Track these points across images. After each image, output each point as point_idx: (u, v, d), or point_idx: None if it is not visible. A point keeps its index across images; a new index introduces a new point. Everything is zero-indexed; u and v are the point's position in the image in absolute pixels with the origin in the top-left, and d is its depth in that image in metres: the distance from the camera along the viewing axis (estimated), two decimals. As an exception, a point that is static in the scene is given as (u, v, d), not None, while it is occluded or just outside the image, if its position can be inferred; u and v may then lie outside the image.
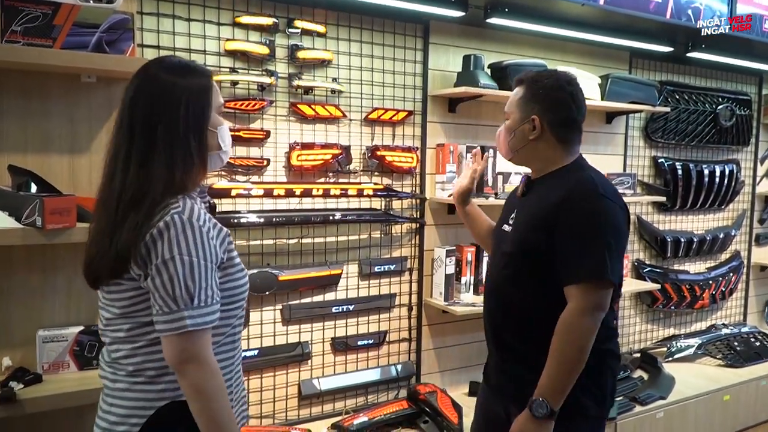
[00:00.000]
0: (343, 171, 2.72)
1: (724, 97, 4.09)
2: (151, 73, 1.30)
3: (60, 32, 1.79)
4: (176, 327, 1.20)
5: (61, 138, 1.94)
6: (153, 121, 1.26)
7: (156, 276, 1.21)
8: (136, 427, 1.26)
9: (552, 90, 1.74)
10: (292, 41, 2.56)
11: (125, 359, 1.29)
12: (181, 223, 1.22)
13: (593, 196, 1.63)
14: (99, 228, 1.29)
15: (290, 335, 2.70)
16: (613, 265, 1.59)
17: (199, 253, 1.22)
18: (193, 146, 1.29)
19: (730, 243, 4.33)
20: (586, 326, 1.59)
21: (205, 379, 1.22)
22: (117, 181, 1.26)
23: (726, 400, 3.51)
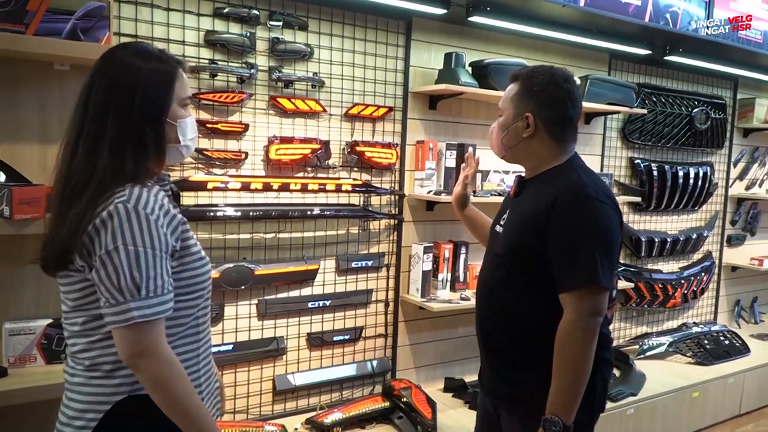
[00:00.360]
0: (322, 166, 2.71)
1: (699, 101, 4.15)
2: (113, 56, 1.27)
3: (33, 18, 1.75)
4: (123, 319, 1.16)
5: (31, 127, 1.89)
6: (106, 106, 1.22)
7: (100, 267, 1.17)
8: (93, 422, 1.24)
9: (548, 86, 1.69)
10: (273, 34, 2.53)
11: (81, 353, 1.26)
12: (126, 211, 1.17)
13: (583, 199, 1.59)
14: (52, 214, 1.26)
15: (266, 330, 2.68)
16: (604, 270, 1.55)
17: (146, 242, 1.18)
18: (148, 136, 1.25)
19: (702, 243, 4.40)
20: (584, 334, 1.55)
21: (161, 370, 1.19)
22: (65, 167, 1.23)
23: (695, 396, 3.57)
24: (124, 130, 1.22)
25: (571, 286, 1.56)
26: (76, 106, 1.26)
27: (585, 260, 1.55)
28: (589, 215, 1.58)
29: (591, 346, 1.56)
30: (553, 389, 1.57)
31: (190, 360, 1.33)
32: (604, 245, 1.58)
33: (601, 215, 1.59)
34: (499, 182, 3.18)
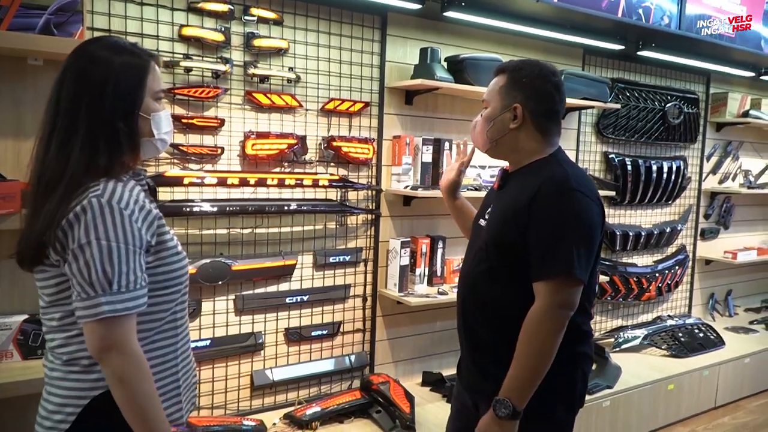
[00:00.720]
0: (299, 161, 2.72)
1: (672, 96, 4.21)
2: (84, 50, 1.27)
3: (6, 13, 1.74)
4: (94, 313, 1.17)
5: (5, 122, 1.88)
6: (77, 100, 1.23)
7: (73, 261, 1.17)
8: (72, 416, 1.25)
9: (536, 79, 1.69)
10: (247, 29, 2.53)
11: (59, 348, 1.27)
12: (99, 206, 1.17)
13: (565, 191, 1.58)
14: (27, 209, 1.26)
15: (243, 325, 2.68)
16: (581, 262, 1.55)
17: (119, 237, 1.18)
18: (121, 131, 1.25)
19: (676, 237, 4.47)
20: (552, 325, 1.56)
21: (127, 367, 1.19)
22: (38, 164, 1.24)
23: (670, 389, 3.63)
24: (96, 124, 1.22)
25: (546, 276, 1.56)
26: (49, 101, 1.26)
27: (563, 251, 1.54)
28: (570, 207, 1.57)
29: (557, 337, 1.56)
30: (511, 373, 1.58)
31: (168, 354, 1.34)
32: (584, 238, 1.57)
33: (582, 208, 1.58)
34: (476, 177, 3.21)
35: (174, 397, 1.34)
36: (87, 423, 1.25)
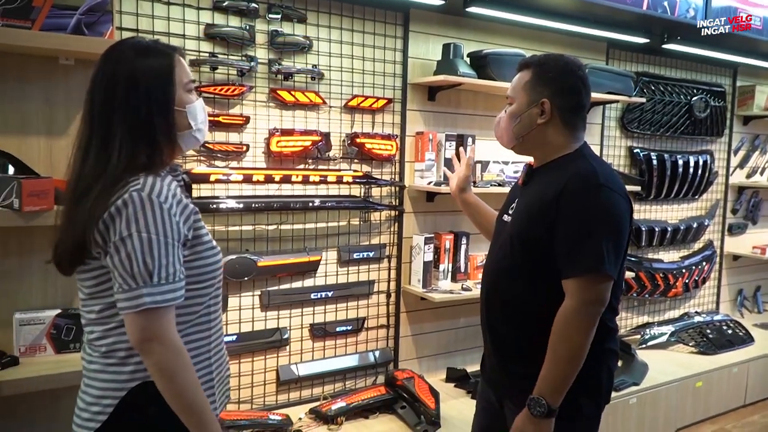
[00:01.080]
0: (323, 158, 2.74)
1: (698, 89, 4.16)
2: (111, 56, 1.29)
3: (39, 14, 1.78)
4: (135, 305, 1.19)
5: (38, 120, 1.93)
6: (110, 105, 1.25)
7: (114, 254, 1.20)
8: (110, 407, 1.27)
9: (563, 74, 1.67)
10: (272, 27, 2.56)
11: (98, 341, 1.29)
12: (140, 199, 1.20)
13: (593, 187, 1.56)
14: (64, 213, 1.28)
15: (269, 321, 2.71)
16: (611, 258, 1.53)
17: (159, 230, 1.20)
18: (158, 128, 1.28)
19: (703, 232, 4.42)
20: (584, 322, 1.54)
21: (167, 357, 1.21)
22: (77, 166, 1.26)
23: (698, 386, 3.58)
24: (134, 126, 1.25)
25: (576, 273, 1.54)
26: (84, 106, 1.28)
27: (592, 247, 1.53)
28: (598, 202, 1.56)
29: (589, 334, 1.55)
30: (544, 372, 1.57)
31: (202, 347, 1.36)
32: (613, 233, 1.56)
33: (612, 203, 1.57)
34: (499, 172, 3.20)
35: (207, 390, 1.36)
36: (124, 414, 1.27)
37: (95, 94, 1.26)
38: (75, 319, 1.94)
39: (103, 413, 1.27)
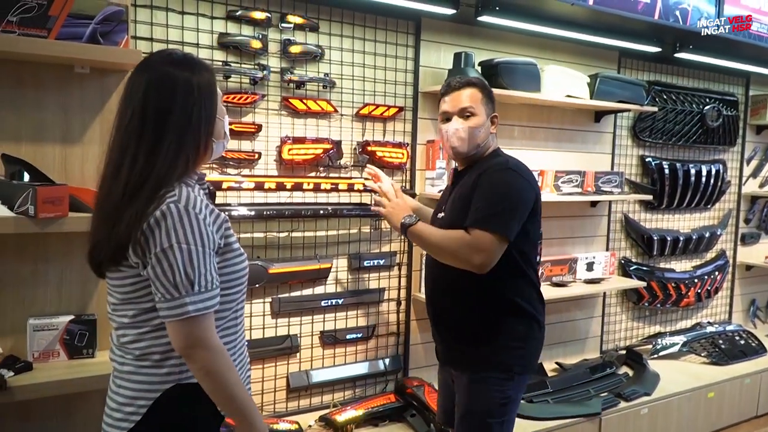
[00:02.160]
0: (334, 166, 2.75)
1: (711, 98, 4.15)
2: (161, 69, 1.33)
3: (55, 23, 1.80)
4: (179, 313, 1.25)
5: (54, 128, 1.95)
6: (165, 113, 1.30)
7: (156, 265, 1.24)
8: (143, 408, 1.31)
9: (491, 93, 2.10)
10: (284, 36, 2.58)
11: (131, 344, 1.34)
12: (178, 211, 1.25)
13: (503, 170, 1.93)
14: (102, 216, 1.32)
15: (279, 328, 2.72)
16: (510, 222, 1.85)
17: (197, 240, 1.26)
18: (202, 135, 1.35)
19: (715, 242, 4.39)
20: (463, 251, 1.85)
21: (213, 360, 1.27)
22: (124, 172, 1.28)
23: (710, 397, 3.56)
24: (185, 132, 1.32)
25: (478, 224, 1.85)
26: (128, 116, 1.31)
27: (494, 210, 1.85)
28: (504, 179, 1.91)
29: (455, 259, 1.89)
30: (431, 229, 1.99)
31: (231, 350, 1.41)
32: (513, 204, 1.87)
33: (515, 180, 1.91)
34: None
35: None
36: (158, 415, 1.32)
37: (150, 100, 1.30)
38: (88, 325, 1.96)
39: (136, 414, 1.32)
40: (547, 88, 3.15)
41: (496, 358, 1.97)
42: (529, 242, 1.98)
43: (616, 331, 4.01)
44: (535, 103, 3.28)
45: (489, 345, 1.97)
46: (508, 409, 1.98)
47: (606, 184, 3.58)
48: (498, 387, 1.97)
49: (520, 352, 1.99)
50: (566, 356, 3.73)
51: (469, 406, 2.00)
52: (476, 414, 1.98)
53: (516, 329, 1.98)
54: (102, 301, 2.03)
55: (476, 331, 1.98)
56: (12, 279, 1.92)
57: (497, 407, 1.97)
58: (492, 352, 1.97)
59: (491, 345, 1.97)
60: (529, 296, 2.01)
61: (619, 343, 4.02)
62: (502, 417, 1.97)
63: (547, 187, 3.32)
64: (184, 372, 1.33)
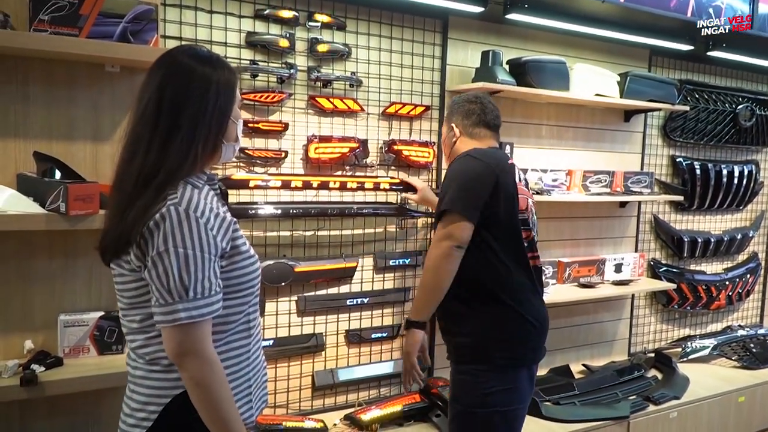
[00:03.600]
0: (360, 164, 2.74)
1: (744, 97, 4.06)
2: (181, 61, 1.32)
3: (86, 22, 1.82)
4: (171, 319, 1.21)
5: (84, 126, 1.97)
6: (181, 106, 1.28)
7: (152, 268, 1.22)
8: (154, 414, 1.29)
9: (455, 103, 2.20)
10: (311, 34, 2.58)
11: (141, 349, 1.32)
12: (177, 215, 1.22)
13: (461, 158, 1.99)
14: (114, 205, 1.30)
15: (305, 326, 2.72)
16: (463, 201, 1.87)
17: (195, 245, 1.22)
18: (213, 133, 1.32)
19: (747, 244, 4.30)
20: (437, 252, 1.88)
21: (203, 371, 1.23)
22: (138, 161, 1.27)
23: (741, 401, 3.49)
24: (197, 128, 1.29)
25: (438, 216, 1.92)
26: (144, 107, 1.29)
27: (449, 195, 1.90)
28: (459, 165, 1.97)
29: (441, 263, 1.88)
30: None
31: (242, 355, 1.38)
32: (465, 185, 1.90)
33: (467, 165, 1.95)
34: (537, 180, 3.16)
35: (245, 396, 1.38)
36: (169, 420, 1.29)
37: (166, 92, 1.28)
38: (117, 322, 1.97)
39: (148, 419, 1.29)
40: (576, 86, 3.11)
41: (473, 348, 1.97)
42: (499, 225, 1.94)
43: (645, 334, 3.95)
44: (564, 102, 3.24)
45: (466, 335, 1.98)
46: (495, 400, 1.95)
47: (635, 185, 3.52)
48: (478, 378, 1.96)
49: (504, 345, 1.96)
50: (593, 358, 3.68)
51: (454, 396, 2.04)
52: (459, 403, 2.01)
53: (498, 320, 1.96)
54: (131, 298, 2.04)
55: (453, 320, 2.01)
56: (43, 275, 1.95)
57: (479, 398, 1.95)
58: (472, 344, 1.98)
59: (472, 336, 1.97)
60: (507, 284, 1.96)
61: (647, 346, 3.95)
62: (489, 407, 1.95)
63: (575, 187, 3.28)
64: None
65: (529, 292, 2.01)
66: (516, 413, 2.02)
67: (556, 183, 3.23)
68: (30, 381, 1.75)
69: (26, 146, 1.89)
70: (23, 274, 1.92)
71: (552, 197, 3.07)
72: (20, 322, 1.93)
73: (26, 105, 1.88)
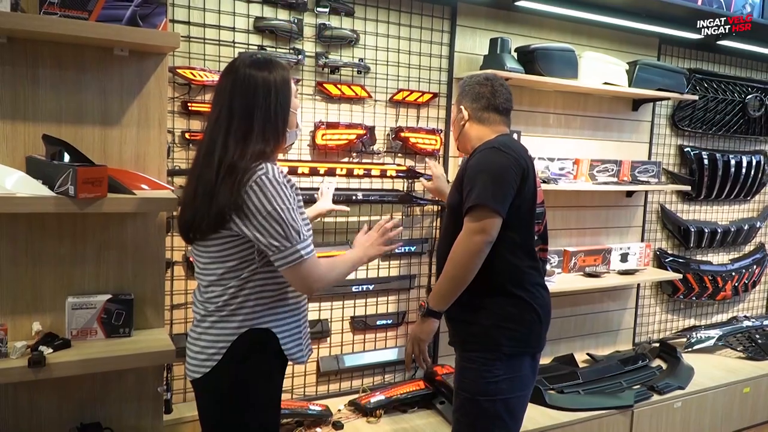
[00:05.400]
0: (367, 151, 2.74)
1: (753, 87, 4.03)
2: (243, 71, 1.57)
3: (95, 5, 1.82)
4: (295, 258, 1.51)
5: (93, 110, 1.97)
6: (251, 107, 1.55)
7: (267, 225, 1.49)
8: (223, 349, 1.59)
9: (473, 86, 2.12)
10: (320, 20, 2.57)
11: (217, 297, 1.60)
12: (269, 181, 1.50)
13: (487, 150, 1.95)
14: (200, 192, 1.55)
15: (310, 313, 2.72)
16: (495, 196, 1.85)
17: (287, 202, 1.52)
18: (280, 126, 1.60)
19: (754, 235, 4.28)
20: (468, 246, 1.86)
21: (329, 282, 1.64)
22: (216, 156, 1.53)
23: (746, 392, 3.49)
24: (267, 123, 1.57)
25: (466, 209, 1.88)
26: (218, 111, 1.58)
27: (477, 187, 1.87)
28: (483, 157, 1.93)
29: (471, 257, 1.86)
30: (436, 283, 1.97)
31: (301, 303, 1.71)
32: (495, 178, 1.88)
33: (496, 157, 1.91)
34: (544, 169, 3.15)
35: (298, 337, 1.69)
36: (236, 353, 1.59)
37: (235, 98, 1.56)
38: (125, 305, 1.99)
39: (218, 354, 1.59)
40: (584, 75, 3.09)
41: (483, 337, 1.97)
42: (519, 219, 1.95)
43: (650, 324, 3.95)
44: (572, 90, 3.23)
45: (477, 324, 1.97)
46: (500, 388, 1.96)
47: (643, 174, 3.51)
48: (485, 366, 1.96)
49: (512, 333, 1.96)
50: (598, 347, 3.69)
51: (459, 383, 2.04)
52: (465, 391, 2.01)
53: (506, 309, 1.97)
54: (138, 282, 2.07)
55: (464, 310, 1.99)
56: (51, 257, 1.95)
57: (485, 386, 1.96)
58: (479, 332, 1.97)
59: (479, 324, 1.97)
60: (519, 275, 1.98)
61: (652, 336, 3.96)
62: (494, 395, 1.96)
63: (582, 176, 3.27)
64: (256, 319, 1.59)
65: (537, 283, 2.03)
66: (520, 401, 2.03)
67: (563, 172, 3.22)
68: (38, 362, 1.76)
69: (35, 129, 1.89)
70: (32, 257, 1.93)
71: (559, 186, 3.07)
72: (29, 304, 1.94)
73: (35, 88, 1.88)
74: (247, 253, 1.57)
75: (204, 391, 1.66)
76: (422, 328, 1.98)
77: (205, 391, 1.66)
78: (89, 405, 2.05)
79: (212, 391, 1.64)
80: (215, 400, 1.65)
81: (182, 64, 2.34)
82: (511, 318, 1.97)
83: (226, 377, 1.60)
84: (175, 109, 2.35)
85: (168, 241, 2.09)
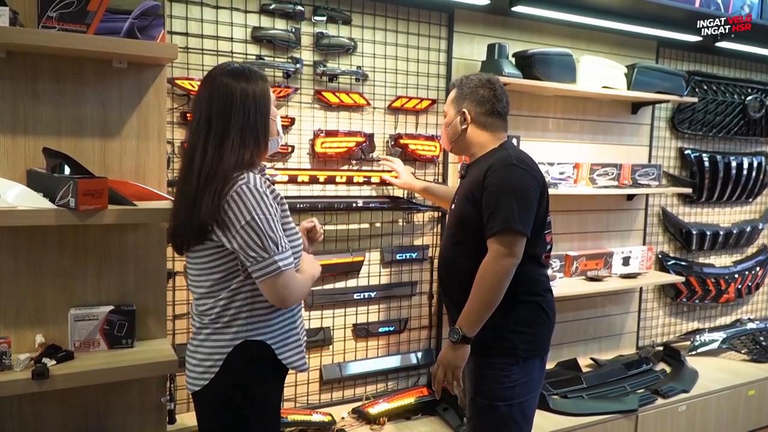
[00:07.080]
0: (367, 159, 2.75)
1: (753, 88, 4.03)
2: (220, 80, 1.59)
3: (94, 18, 1.83)
4: (272, 270, 1.52)
5: (93, 122, 1.98)
6: (228, 115, 1.57)
7: (243, 235, 1.50)
8: (220, 361, 1.60)
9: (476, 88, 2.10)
10: (317, 29, 2.58)
11: (209, 310, 1.62)
12: (249, 191, 1.51)
13: (507, 166, 1.95)
14: (181, 203, 1.59)
15: (312, 321, 2.73)
16: (522, 218, 1.88)
17: (270, 212, 1.53)
18: (260, 133, 1.61)
19: (757, 237, 4.27)
20: (498, 270, 1.89)
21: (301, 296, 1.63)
22: (196, 163, 1.55)
23: (751, 395, 3.47)
24: (245, 130, 1.58)
25: (493, 231, 1.90)
26: (197, 119, 1.59)
27: (504, 209, 1.89)
28: (509, 176, 1.93)
29: (503, 281, 1.89)
30: (465, 308, 1.94)
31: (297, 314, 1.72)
32: (521, 199, 1.91)
33: (518, 177, 1.94)
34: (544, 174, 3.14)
35: (296, 346, 1.71)
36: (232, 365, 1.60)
37: (213, 106, 1.57)
38: (127, 316, 2.00)
39: (215, 366, 1.60)
40: (582, 79, 3.10)
41: (500, 342, 1.99)
42: (535, 231, 1.98)
43: (653, 327, 3.94)
44: (571, 94, 3.24)
45: (493, 330, 1.97)
46: (516, 393, 2.00)
47: (643, 177, 3.51)
48: (503, 372, 1.99)
49: (526, 337, 2.01)
50: (601, 352, 3.68)
51: (476, 390, 2.05)
52: (483, 397, 2.02)
53: (520, 315, 2.00)
54: (140, 293, 2.07)
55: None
56: (53, 270, 1.96)
57: (503, 391, 1.99)
58: (496, 338, 1.99)
59: (495, 330, 1.97)
60: (533, 282, 2.03)
61: (655, 340, 3.94)
62: (511, 400, 1.99)
63: (582, 180, 3.27)
64: (251, 330, 1.60)
65: (546, 288, 2.09)
66: (531, 403, 2.08)
67: (563, 176, 3.22)
68: (41, 374, 1.76)
69: (36, 142, 1.90)
70: (34, 269, 1.93)
71: (559, 190, 3.07)
72: (31, 317, 1.95)
73: (35, 102, 1.89)
74: (233, 264, 1.58)
75: (203, 403, 1.68)
76: (456, 355, 1.95)
77: (205, 403, 1.67)
78: (93, 416, 2.05)
79: (211, 403, 1.66)
80: (214, 412, 1.66)
81: (181, 75, 2.35)
82: (525, 322, 2.01)
83: (224, 389, 1.62)
84: (174, 120, 2.36)
85: (169, 251, 2.09)
